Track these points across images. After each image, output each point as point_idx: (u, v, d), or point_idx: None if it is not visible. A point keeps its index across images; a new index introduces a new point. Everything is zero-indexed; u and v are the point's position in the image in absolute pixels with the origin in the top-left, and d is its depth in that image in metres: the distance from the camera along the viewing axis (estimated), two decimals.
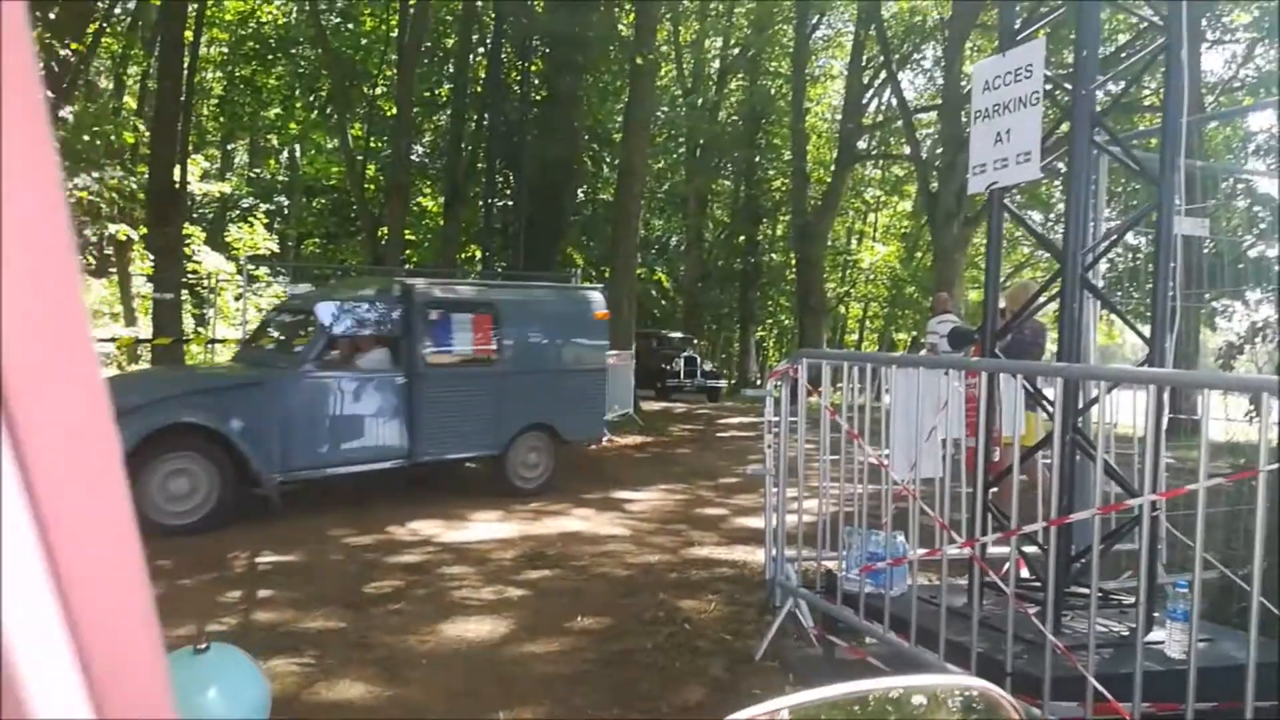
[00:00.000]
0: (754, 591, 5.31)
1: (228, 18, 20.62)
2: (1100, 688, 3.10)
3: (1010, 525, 3.83)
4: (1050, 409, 3.70)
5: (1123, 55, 15.84)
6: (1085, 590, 3.58)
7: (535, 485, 8.72)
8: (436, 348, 8.13)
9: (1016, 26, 4.00)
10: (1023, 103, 3.70)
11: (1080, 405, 4.15)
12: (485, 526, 7.14)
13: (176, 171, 15.53)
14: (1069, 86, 3.75)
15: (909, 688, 1.12)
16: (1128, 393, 4.17)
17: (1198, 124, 14.31)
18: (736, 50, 29.95)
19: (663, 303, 30.91)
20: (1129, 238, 10.99)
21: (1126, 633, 3.78)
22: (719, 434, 15.23)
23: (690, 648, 4.43)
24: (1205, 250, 6.09)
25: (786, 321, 33.52)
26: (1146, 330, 3.99)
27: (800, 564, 4.67)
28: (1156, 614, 3.78)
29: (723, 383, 23.87)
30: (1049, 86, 3.83)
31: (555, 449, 8.95)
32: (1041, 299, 4.80)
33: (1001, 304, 6.86)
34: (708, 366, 24.49)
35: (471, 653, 4.36)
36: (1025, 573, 4.28)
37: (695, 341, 28.42)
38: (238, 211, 25.47)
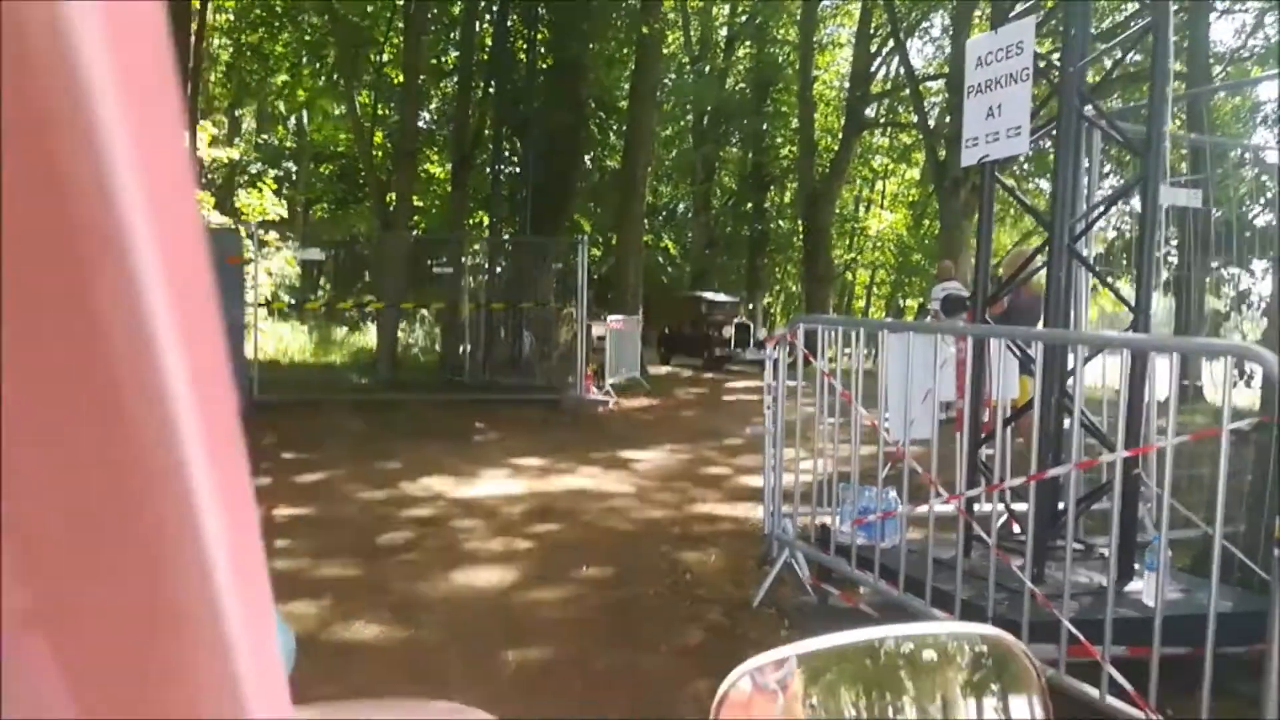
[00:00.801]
0: (753, 545, 5.53)
1: None
2: (1074, 630, 3.30)
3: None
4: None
5: (1132, 24, 15.79)
6: None
7: None
8: None
9: (1009, 4, 4.13)
10: (1013, 79, 3.85)
11: (1070, 369, 4.33)
12: (494, 484, 7.37)
13: (186, 138, 15.63)
14: (1058, 63, 3.90)
15: (922, 635, 1.10)
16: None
17: (1204, 96, 14.30)
18: (744, 17, 29.77)
19: (669, 269, 30.99)
20: (1135, 205, 11.11)
21: (1108, 583, 3.99)
22: (725, 397, 15.44)
23: (691, 595, 4.66)
24: (1212, 220, 6.22)
25: (794, 288, 33.59)
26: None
27: (797, 519, 4.88)
28: (1138, 566, 3.98)
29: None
30: (1040, 64, 3.98)
31: None
32: (1035, 264, 4.95)
33: (1001, 271, 7.04)
34: (762, 334, 20.68)
35: (480, 599, 4.59)
36: (1017, 529, 4.48)
37: (751, 306, 26.02)
38: (246, 177, 25.57)
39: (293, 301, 19.09)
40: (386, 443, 9.10)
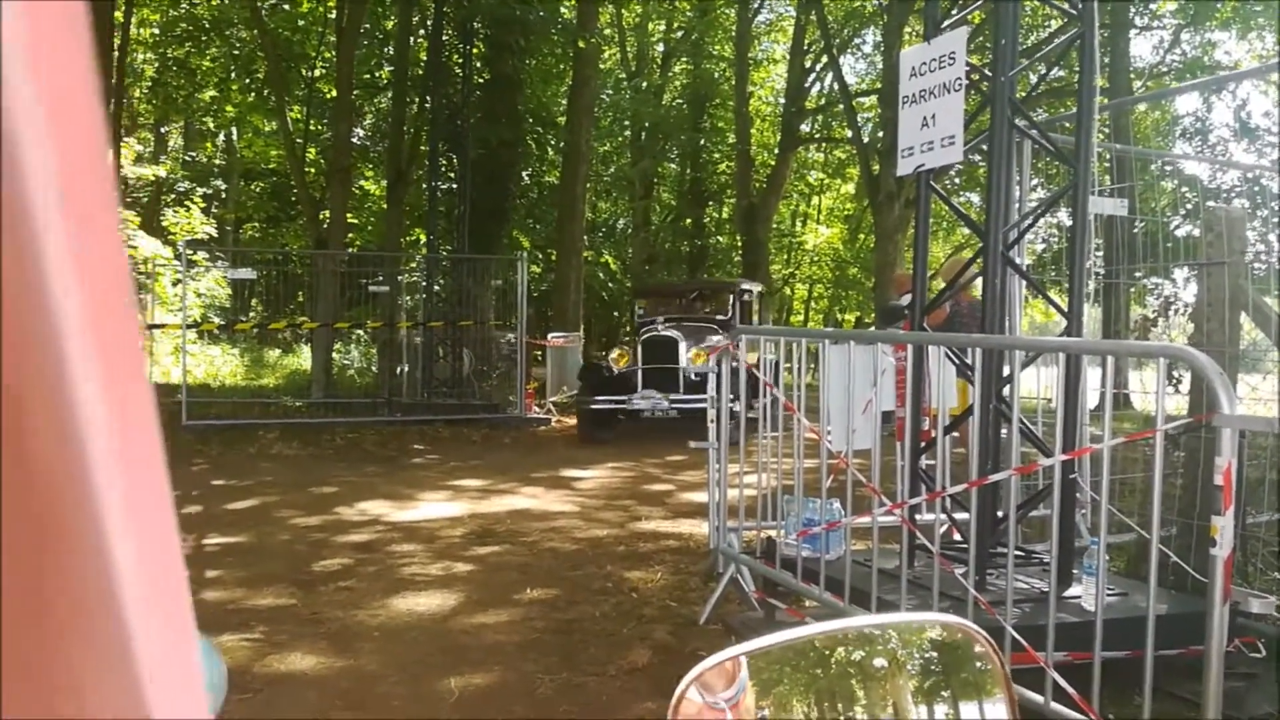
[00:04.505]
0: (699, 561, 5.49)
1: None
2: (1018, 637, 3.30)
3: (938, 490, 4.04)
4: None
5: (1057, 40, 16.27)
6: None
7: None
8: None
9: (940, 16, 4.18)
10: (946, 89, 3.89)
11: (1006, 376, 4.37)
12: (433, 506, 7.22)
13: (107, 147, 15.17)
14: (989, 74, 3.94)
15: (878, 626, 1.07)
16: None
17: (1124, 107, 14.78)
18: (680, 33, 30.03)
19: (610, 285, 30.97)
20: (1062, 219, 11.41)
21: (1048, 588, 4.02)
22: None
23: (637, 614, 4.58)
24: (1135, 229, 6.38)
25: None
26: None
27: (742, 533, 4.85)
28: (1076, 570, 4.02)
29: None
30: (973, 75, 4.03)
31: None
32: (971, 273, 5.00)
33: (939, 281, 7.13)
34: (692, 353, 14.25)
35: (422, 625, 4.46)
36: (958, 537, 4.50)
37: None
38: (173, 195, 24.92)
39: (223, 323, 18.63)
40: (322, 467, 8.88)
